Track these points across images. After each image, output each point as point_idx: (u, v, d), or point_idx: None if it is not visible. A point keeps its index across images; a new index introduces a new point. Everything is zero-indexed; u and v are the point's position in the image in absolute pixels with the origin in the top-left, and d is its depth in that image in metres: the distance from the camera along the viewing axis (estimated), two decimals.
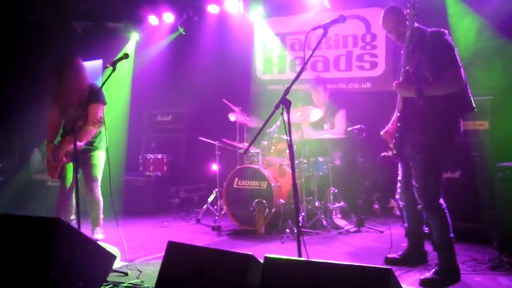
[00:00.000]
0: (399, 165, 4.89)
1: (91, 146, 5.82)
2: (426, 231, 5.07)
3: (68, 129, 5.77)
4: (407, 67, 4.45)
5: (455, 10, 6.96)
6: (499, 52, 6.40)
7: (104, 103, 5.72)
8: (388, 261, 4.97)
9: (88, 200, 5.94)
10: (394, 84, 4.49)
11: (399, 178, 4.92)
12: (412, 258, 4.95)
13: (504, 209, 5.00)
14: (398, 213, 5.70)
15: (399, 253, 5.02)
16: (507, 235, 4.91)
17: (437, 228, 4.47)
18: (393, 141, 4.67)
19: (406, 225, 5.04)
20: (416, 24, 4.54)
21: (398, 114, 4.55)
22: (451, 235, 4.44)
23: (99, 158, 5.90)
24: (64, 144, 5.63)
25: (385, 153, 4.92)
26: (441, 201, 4.48)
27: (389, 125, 4.90)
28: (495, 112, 5.78)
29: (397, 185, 4.97)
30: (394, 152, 4.68)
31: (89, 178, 5.88)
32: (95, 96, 5.63)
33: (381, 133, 4.93)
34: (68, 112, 5.75)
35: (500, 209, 5.06)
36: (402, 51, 4.68)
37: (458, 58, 4.38)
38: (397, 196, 5.03)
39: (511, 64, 6.25)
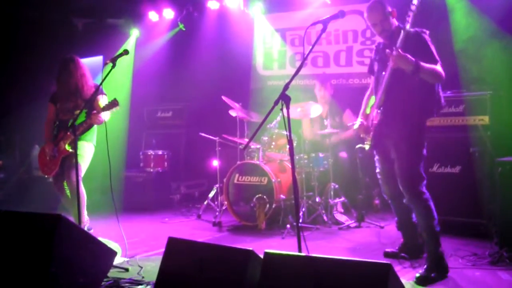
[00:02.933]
0: (377, 159, 4.94)
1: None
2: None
3: (65, 125, 5.65)
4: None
5: (456, 5, 6.95)
6: (499, 46, 6.39)
7: (104, 93, 5.72)
8: (387, 254, 5.03)
9: (67, 194, 5.74)
10: (393, 53, 4.29)
11: (378, 170, 4.97)
12: (408, 250, 4.97)
13: (504, 204, 5.00)
14: None
15: (397, 247, 5.06)
16: (507, 230, 4.90)
17: (424, 219, 4.50)
18: (371, 134, 4.71)
19: (396, 219, 5.09)
20: (396, 23, 4.62)
21: (381, 108, 4.56)
22: (437, 228, 4.47)
23: (81, 149, 5.63)
24: (69, 135, 5.52)
25: (361, 145, 4.93)
26: (425, 189, 4.51)
27: (361, 120, 4.91)
28: (495, 107, 5.77)
29: (379, 179, 5.02)
30: (372, 144, 4.73)
31: (69, 166, 5.58)
32: (96, 90, 5.55)
33: (354, 127, 4.95)
34: (72, 109, 5.69)
35: (500, 204, 5.05)
36: (375, 45, 4.89)
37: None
38: (382, 191, 5.06)
39: (511, 58, 6.24)
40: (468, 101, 5.90)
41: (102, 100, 5.61)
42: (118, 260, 4.85)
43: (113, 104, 5.28)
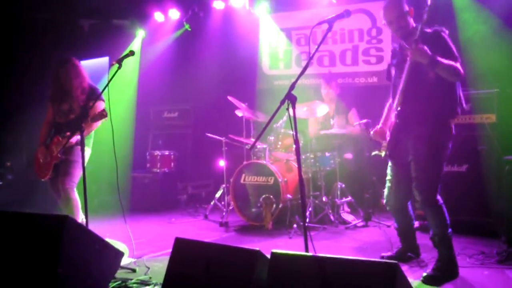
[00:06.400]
0: (390, 165, 4.82)
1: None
2: (417, 225, 5.08)
3: (62, 127, 5.62)
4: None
5: (462, 3, 6.93)
6: (505, 44, 6.37)
7: (103, 99, 5.52)
8: (383, 259, 4.92)
9: (61, 198, 5.57)
10: (410, 45, 4.25)
11: (389, 178, 4.84)
12: (406, 254, 4.93)
13: (511, 202, 4.99)
14: None
15: (394, 251, 5.01)
16: None
17: (436, 224, 4.42)
18: (387, 139, 4.64)
19: (396, 226, 4.99)
20: (414, 24, 4.52)
21: (399, 108, 4.47)
22: (450, 231, 4.41)
23: (76, 155, 5.50)
24: (60, 141, 5.46)
25: (376, 152, 4.85)
26: (439, 196, 4.42)
27: (379, 125, 4.85)
28: (502, 105, 5.76)
29: (386, 186, 4.90)
30: (387, 152, 4.66)
31: (63, 173, 5.52)
32: (94, 94, 5.54)
33: (371, 132, 4.87)
34: (67, 112, 5.63)
35: (507, 202, 5.05)
36: (391, 50, 4.82)
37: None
38: (384, 200, 4.96)
39: None
40: (475, 99, 5.88)
41: (97, 107, 5.42)
42: (125, 260, 4.85)
43: (101, 115, 5.12)
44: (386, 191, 4.90)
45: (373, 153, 4.91)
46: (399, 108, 4.46)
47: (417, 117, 4.42)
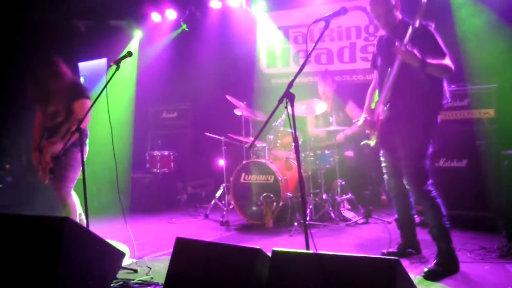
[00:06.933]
0: (383, 154, 4.90)
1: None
2: (417, 220, 5.08)
3: (52, 131, 5.48)
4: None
5: None
6: (504, 39, 6.37)
7: (87, 97, 5.38)
8: (384, 255, 4.92)
9: (59, 204, 5.45)
10: (401, 48, 4.25)
11: (384, 165, 4.92)
12: (406, 250, 4.95)
13: (510, 196, 4.99)
14: None
15: (395, 247, 5.02)
16: None
17: (433, 216, 4.47)
18: (378, 129, 4.69)
19: (396, 217, 5.02)
20: (400, 16, 4.55)
21: (388, 104, 4.52)
22: (447, 223, 4.44)
23: (70, 158, 5.39)
24: (49, 147, 5.32)
25: (366, 141, 4.91)
26: (431, 187, 4.46)
27: (365, 115, 4.88)
28: (501, 100, 5.76)
29: (384, 175, 4.97)
30: (379, 141, 4.74)
31: (58, 178, 5.38)
32: (77, 92, 5.43)
33: (359, 123, 4.93)
34: (53, 114, 5.48)
35: (506, 196, 5.05)
36: (378, 39, 4.87)
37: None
38: (386, 187, 5.03)
39: None
40: (473, 94, 5.89)
41: (82, 105, 5.29)
42: (126, 261, 4.86)
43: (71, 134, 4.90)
44: (385, 177, 4.96)
45: (362, 142, 4.96)
46: (388, 105, 4.52)
47: (406, 113, 4.47)
